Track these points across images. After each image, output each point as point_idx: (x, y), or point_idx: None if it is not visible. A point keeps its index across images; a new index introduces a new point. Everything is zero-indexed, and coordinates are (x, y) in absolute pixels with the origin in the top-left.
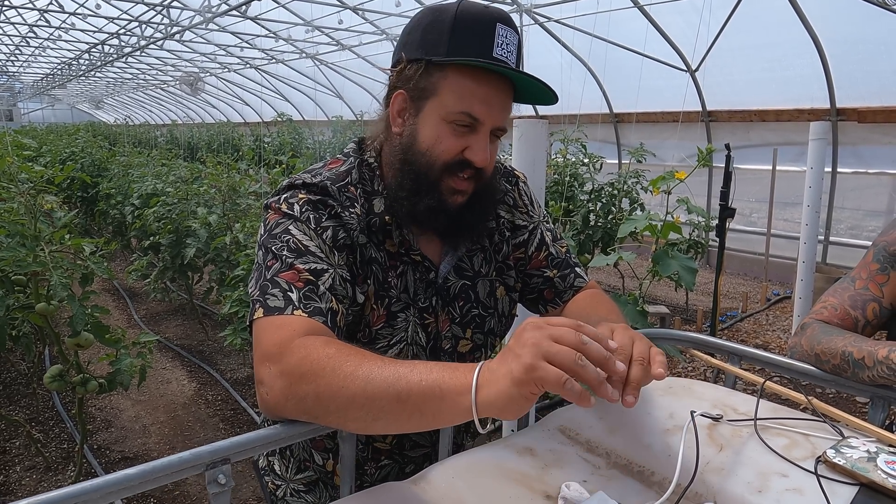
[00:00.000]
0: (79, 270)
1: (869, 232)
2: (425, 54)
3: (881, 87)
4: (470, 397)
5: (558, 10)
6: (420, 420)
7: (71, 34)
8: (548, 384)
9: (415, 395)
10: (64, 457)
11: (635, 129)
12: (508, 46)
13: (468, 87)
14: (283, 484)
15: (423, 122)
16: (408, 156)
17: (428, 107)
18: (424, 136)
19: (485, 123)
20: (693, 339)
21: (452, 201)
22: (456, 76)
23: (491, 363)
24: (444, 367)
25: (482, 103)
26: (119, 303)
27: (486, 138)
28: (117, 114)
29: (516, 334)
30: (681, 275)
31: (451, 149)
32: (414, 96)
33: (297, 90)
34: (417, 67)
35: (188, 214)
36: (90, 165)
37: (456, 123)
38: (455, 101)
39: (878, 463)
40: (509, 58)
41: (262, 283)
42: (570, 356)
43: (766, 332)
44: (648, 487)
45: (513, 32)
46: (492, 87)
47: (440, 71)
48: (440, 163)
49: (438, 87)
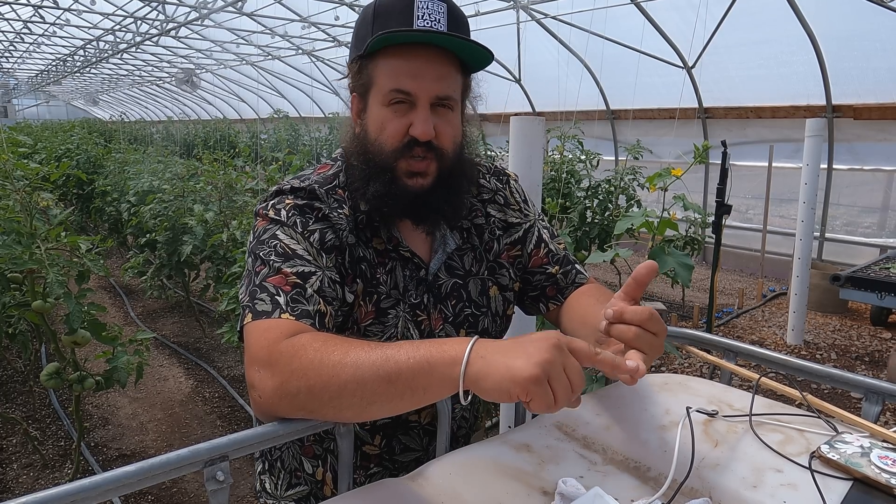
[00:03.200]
0: (75, 268)
1: (864, 228)
2: (357, 51)
3: (877, 84)
4: (459, 368)
5: (555, 7)
6: (412, 397)
7: (66, 30)
8: (537, 402)
9: (405, 372)
10: (61, 454)
11: (632, 126)
12: (433, 16)
13: (395, 65)
14: (275, 502)
15: (370, 114)
16: (363, 149)
17: (371, 99)
18: (372, 127)
19: (420, 96)
20: (689, 335)
21: (413, 184)
22: (384, 60)
23: (488, 343)
24: (431, 343)
25: (410, 77)
26: (115, 300)
27: (426, 111)
28: (113, 110)
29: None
30: (677, 271)
31: (396, 130)
32: (361, 93)
33: (293, 87)
34: (355, 66)
35: (184, 211)
36: (86, 162)
37: (392, 104)
38: (386, 82)
39: (872, 458)
40: (435, 23)
41: (251, 288)
42: (568, 394)
43: (762, 329)
44: (644, 483)
45: (437, 2)
46: (420, 58)
47: (372, 61)
48: (388, 146)
49: (373, 76)
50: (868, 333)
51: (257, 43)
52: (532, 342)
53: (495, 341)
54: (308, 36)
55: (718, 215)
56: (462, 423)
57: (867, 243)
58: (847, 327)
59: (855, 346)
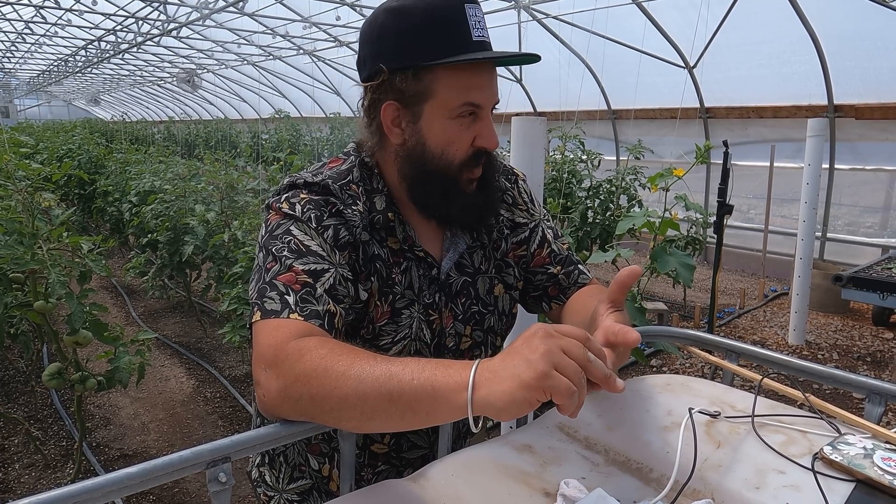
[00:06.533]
0: (77, 268)
1: (866, 228)
2: (410, 60)
3: (878, 84)
4: (465, 395)
5: (556, 7)
6: (413, 418)
7: (67, 30)
8: (557, 394)
9: (406, 393)
10: (63, 454)
11: (633, 126)
12: (480, 22)
13: (463, 79)
14: (275, 495)
15: (428, 126)
16: (423, 163)
17: (427, 110)
18: (434, 140)
19: (486, 107)
20: (690, 336)
21: (470, 189)
22: (447, 73)
23: (490, 362)
24: (437, 365)
25: (479, 89)
26: (117, 300)
27: (490, 121)
28: (114, 110)
29: (525, 338)
30: (679, 271)
31: (465, 144)
32: (407, 103)
33: (294, 87)
34: (404, 76)
35: (186, 212)
36: (87, 162)
37: (461, 116)
38: (455, 97)
39: (875, 459)
40: (484, 33)
41: (261, 285)
42: (578, 373)
43: (764, 329)
44: (647, 484)
45: (477, 6)
46: (483, 70)
47: (430, 73)
48: (457, 161)
49: (432, 88)
50: (870, 334)
51: (258, 43)
52: (523, 343)
53: (493, 360)
54: (309, 36)
55: (720, 215)
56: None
57: (869, 243)
58: (849, 327)
59: (857, 347)
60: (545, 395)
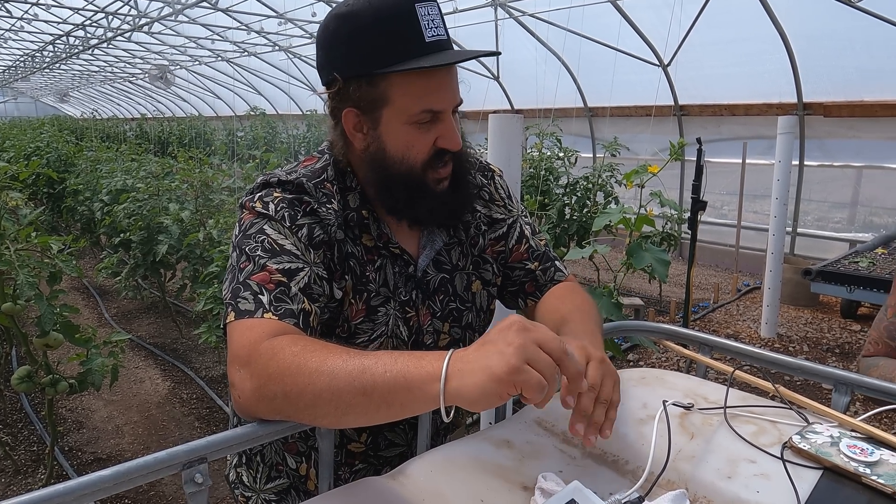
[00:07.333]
0: (46, 269)
1: (835, 223)
2: (363, 68)
3: (846, 83)
4: (438, 386)
5: (532, 4)
6: (388, 411)
7: (34, 25)
8: (528, 389)
9: (380, 386)
10: (34, 459)
11: (609, 123)
12: (435, 20)
13: (419, 84)
14: (253, 495)
15: (387, 132)
16: (385, 167)
17: (385, 116)
18: (394, 145)
19: (446, 110)
20: (666, 330)
21: (441, 189)
22: (402, 79)
23: (464, 353)
24: (409, 357)
25: (437, 94)
26: (89, 301)
27: (452, 122)
28: (84, 107)
29: (500, 329)
30: (654, 267)
31: (424, 147)
32: (365, 109)
33: (270, 84)
34: (359, 83)
35: (159, 211)
36: (56, 161)
37: (419, 122)
38: (412, 103)
39: (841, 447)
40: (439, 31)
41: (235, 285)
42: (551, 367)
43: (738, 322)
44: (622, 476)
45: (431, 3)
46: (440, 72)
47: (384, 80)
48: (419, 163)
49: (388, 94)
50: (839, 326)
51: (233, 39)
52: (498, 334)
53: (467, 350)
54: (284, 32)
55: (694, 211)
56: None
57: (837, 238)
58: (818, 320)
59: (826, 339)
60: (515, 388)
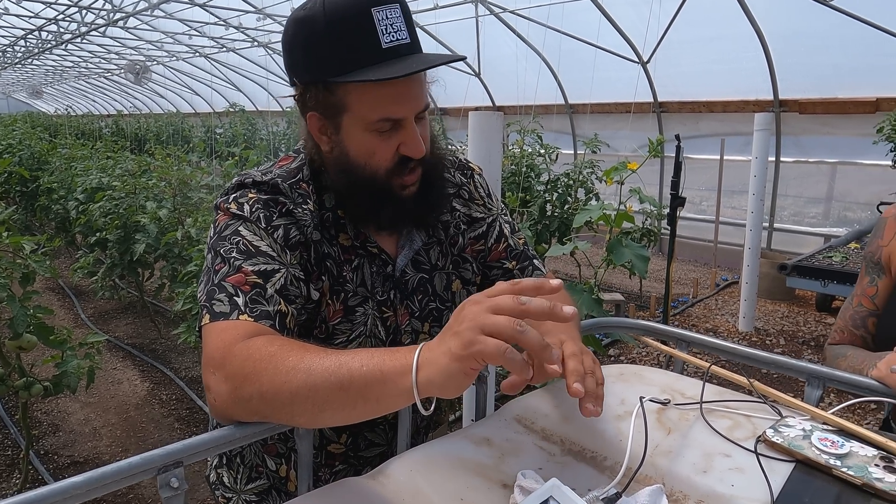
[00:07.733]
0: (18, 269)
1: (810, 218)
2: (319, 75)
3: (820, 80)
4: (411, 378)
5: (513, 1)
6: (365, 406)
7: (4, 19)
8: (488, 357)
9: (357, 380)
10: (8, 464)
11: (590, 120)
12: (394, 24)
13: (375, 93)
14: (233, 496)
15: (348, 138)
16: (348, 172)
17: (345, 121)
18: (356, 151)
19: (407, 117)
20: (644, 326)
21: (408, 194)
22: (358, 87)
23: (431, 343)
24: (384, 351)
25: (395, 103)
26: (65, 302)
27: (414, 129)
28: (58, 103)
29: (455, 312)
30: (634, 263)
31: (387, 154)
32: (326, 115)
33: (249, 80)
34: (317, 89)
35: (137, 209)
36: (29, 158)
37: (379, 130)
38: (369, 111)
39: (813, 440)
40: (399, 35)
41: (210, 288)
42: (509, 325)
43: (716, 317)
44: (601, 472)
45: (389, 6)
46: (398, 80)
47: (341, 87)
48: (382, 170)
49: (346, 102)
50: (814, 319)
51: (211, 34)
52: (453, 318)
53: (432, 341)
54: (264, 28)
55: (673, 207)
56: (424, 417)
57: (813, 233)
58: (794, 314)
59: (802, 332)
60: (477, 361)
